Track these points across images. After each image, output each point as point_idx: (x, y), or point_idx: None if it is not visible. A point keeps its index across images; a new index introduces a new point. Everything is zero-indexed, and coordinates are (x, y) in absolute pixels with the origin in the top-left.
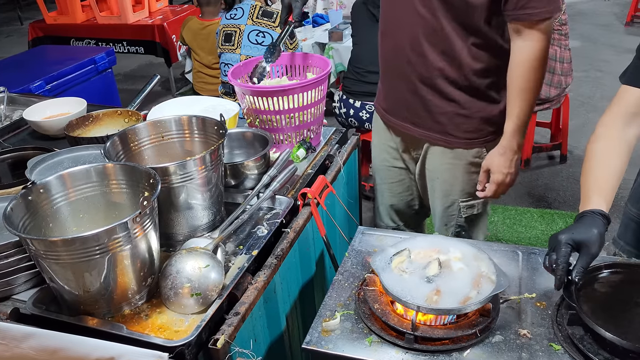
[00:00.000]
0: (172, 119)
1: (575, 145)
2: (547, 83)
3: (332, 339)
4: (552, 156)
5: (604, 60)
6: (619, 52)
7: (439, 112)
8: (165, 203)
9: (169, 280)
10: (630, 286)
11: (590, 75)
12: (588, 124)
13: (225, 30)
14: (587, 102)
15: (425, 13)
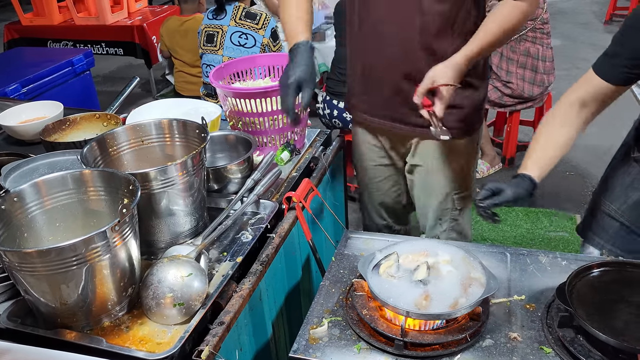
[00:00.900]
0: (152, 122)
1: None
2: (530, 82)
3: (319, 346)
4: None
5: (584, 59)
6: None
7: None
8: (146, 210)
9: (150, 290)
10: (622, 285)
11: (572, 73)
12: None
13: (207, 31)
14: None
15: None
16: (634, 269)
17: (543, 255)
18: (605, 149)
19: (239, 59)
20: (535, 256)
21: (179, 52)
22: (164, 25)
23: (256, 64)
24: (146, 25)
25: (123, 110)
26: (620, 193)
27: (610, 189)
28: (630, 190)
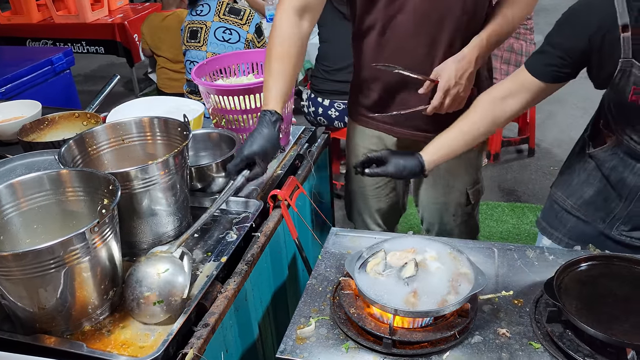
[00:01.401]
0: (133, 121)
1: (542, 138)
2: None
3: (307, 346)
4: (520, 150)
5: None
6: None
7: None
8: (127, 210)
9: (130, 291)
10: (609, 279)
11: None
12: (553, 117)
13: (191, 27)
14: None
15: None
16: (621, 263)
17: (530, 250)
18: None
19: (221, 55)
20: (523, 251)
21: (161, 48)
22: (145, 23)
23: (239, 60)
24: (127, 23)
25: (105, 109)
26: (576, 188)
27: (567, 184)
28: (585, 185)
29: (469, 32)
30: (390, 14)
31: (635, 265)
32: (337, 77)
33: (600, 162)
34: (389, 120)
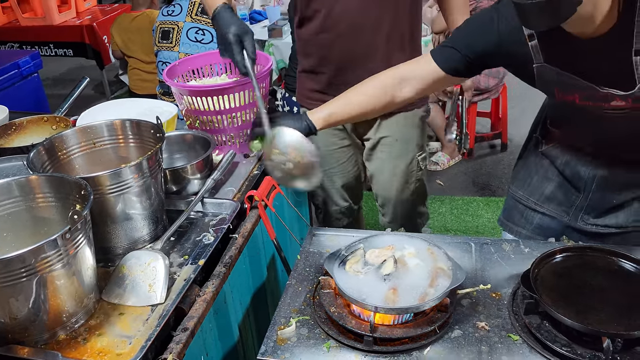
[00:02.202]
0: (104, 124)
1: (514, 133)
2: (485, 73)
3: (288, 347)
4: (493, 145)
5: None
6: None
7: None
8: (101, 215)
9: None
10: (584, 270)
11: None
12: (525, 112)
13: (162, 27)
14: (523, 92)
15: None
16: (594, 253)
17: (506, 243)
18: None
19: (194, 55)
20: (499, 245)
21: (132, 49)
22: (114, 25)
23: (212, 60)
24: (96, 25)
25: (75, 112)
26: (536, 185)
27: (526, 182)
28: (545, 181)
29: (413, 10)
30: None
31: (608, 256)
32: None
33: (553, 159)
34: None
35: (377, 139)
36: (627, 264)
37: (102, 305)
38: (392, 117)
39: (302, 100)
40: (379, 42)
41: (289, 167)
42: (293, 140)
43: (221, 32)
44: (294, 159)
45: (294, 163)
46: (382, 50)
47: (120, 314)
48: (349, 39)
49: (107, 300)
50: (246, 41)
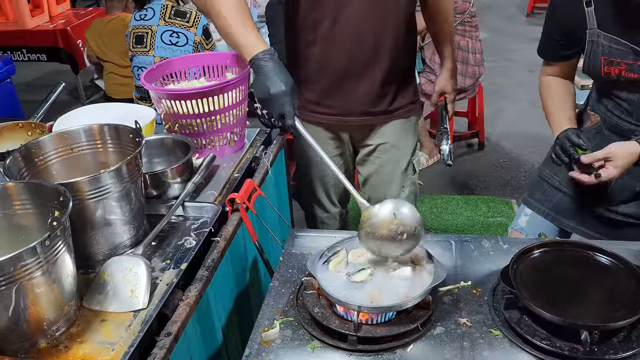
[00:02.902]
0: (82, 129)
1: (491, 132)
2: (461, 74)
3: (273, 349)
4: (470, 144)
5: (510, 50)
6: (522, 41)
7: (405, 94)
8: (80, 221)
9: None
10: (562, 265)
11: (500, 64)
12: (502, 111)
13: (136, 32)
14: (499, 91)
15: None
16: (572, 248)
17: (486, 240)
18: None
19: (171, 59)
20: (479, 242)
21: (107, 53)
22: (89, 29)
23: (190, 64)
24: (70, 29)
25: (50, 118)
26: (563, 166)
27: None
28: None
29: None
30: (343, 3)
31: (585, 250)
32: None
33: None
34: (337, 111)
35: (374, 146)
36: (602, 257)
37: (84, 312)
38: (389, 124)
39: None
40: (381, 51)
41: (401, 238)
42: (412, 211)
43: (271, 79)
44: (410, 229)
45: (409, 234)
46: (383, 59)
47: (102, 320)
48: (351, 48)
49: (88, 307)
50: (295, 96)
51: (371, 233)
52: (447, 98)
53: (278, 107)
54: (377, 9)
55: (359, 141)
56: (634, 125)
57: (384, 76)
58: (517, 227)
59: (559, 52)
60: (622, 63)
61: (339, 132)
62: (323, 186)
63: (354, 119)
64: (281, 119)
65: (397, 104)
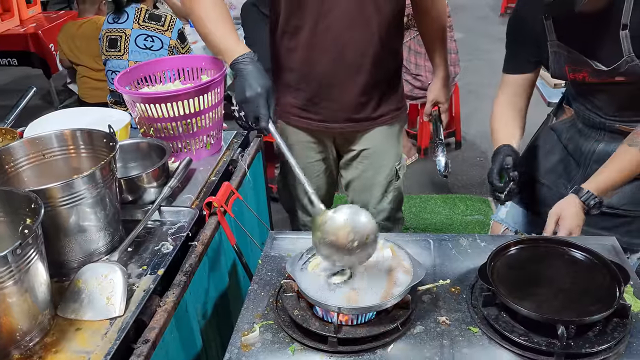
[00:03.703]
0: (53, 134)
1: (467, 131)
2: None
3: (253, 353)
4: (447, 143)
5: (484, 50)
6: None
7: (390, 101)
8: (53, 228)
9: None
10: (538, 261)
11: (474, 64)
12: (477, 111)
13: (109, 36)
14: (474, 90)
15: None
16: (547, 244)
17: (463, 239)
18: None
19: (145, 62)
20: (456, 240)
21: (80, 57)
22: (61, 33)
23: (165, 67)
24: (41, 33)
25: (22, 124)
26: (542, 158)
27: (534, 156)
28: (549, 155)
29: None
30: (324, 10)
31: (560, 246)
32: None
33: (560, 133)
34: (321, 117)
35: (357, 151)
36: (577, 253)
37: (58, 321)
38: (373, 130)
39: (280, 114)
40: (364, 58)
41: (352, 246)
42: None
43: (248, 82)
44: (362, 238)
45: (360, 242)
46: (366, 66)
47: (77, 329)
48: (333, 55)
49: (62, 315)
50: (271, 99)
51: (323, 238)
52: (441, 108)
53: (253, 109)
54: (359, 17)
55: (343, 146)
56: (604, 119)
57: (367, 83)
58: (497, 219)
59: (528, 59)
60: (584, 70)
61: (322, 138)
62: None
63: (338, 125)
64: (256, 121)
65: (381, 111)
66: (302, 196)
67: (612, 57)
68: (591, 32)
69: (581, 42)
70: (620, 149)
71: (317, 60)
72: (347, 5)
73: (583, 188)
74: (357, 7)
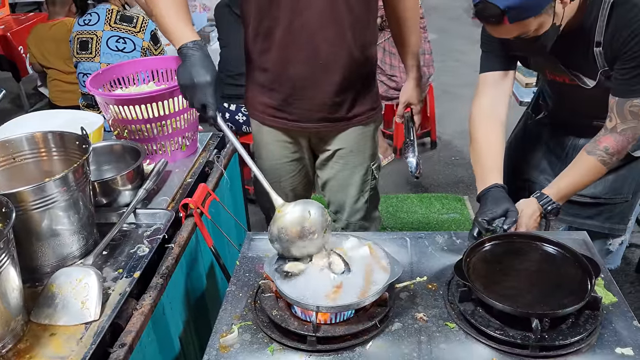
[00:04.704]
0: (24, 137)
1: (442, 131)
2: None
3: (232, 354)
4: (423, 143)
5: (458, 51)
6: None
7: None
8: (25, 233)
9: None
10: (511, 256)
11: (448, 64)
12: (452, 111)
13: (80, 38)
14: (449, 90)
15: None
16: (520, 240)
17: (439, 236)
18: None
19: (118, 64)
20: (433, 238)
21: (51, 60)
22: (31, 35)
23: (138, 68)
24: (10, 35)
25: None
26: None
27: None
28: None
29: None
30: (298, 10)
31: (533, 241)
32: (242, 82)
33: (540, 130)
34: (295, 117)
35: (332, 151)
36: (550, 248)
37: (32, 327)
38: (348, 130)
39: (255, 114)
40: (337, 59)
41: (312, 237)
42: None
43: (196, 69)
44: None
45: (318, 234)
46: (339, 67)
47: (51, 334)
48: (307, 56)
49: (36, 321)
50: (217, 89)
51: (283, 229)
52: (413, 109)
53: (201, 97)
54: (332, 17)
55: (318, 146)
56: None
57: (341, 83)
58: None
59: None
60: (563, 74)
61: (297, 137)
62: (281, 190)
63: (312, 125)
64: (202, 109)
65: (356, 111)
66: None
67: (590, 72)
68: (568, 48)
69: (559, 56)
70: (580, 156)
71: (291, 60)
72: (320, 4)
73: (544, 193)
74: (330, 7)
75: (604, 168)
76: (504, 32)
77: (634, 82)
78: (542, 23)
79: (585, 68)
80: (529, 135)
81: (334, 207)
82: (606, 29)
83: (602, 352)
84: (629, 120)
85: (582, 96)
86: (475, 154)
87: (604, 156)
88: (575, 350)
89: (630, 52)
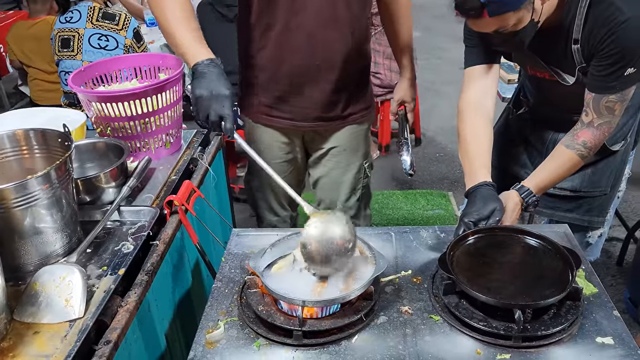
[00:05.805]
0: (5, 134)
1: (426, 127)
2: (396, 71)
3: (218, 350)
4: None
5: (441, 48)
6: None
7: (359, 101)
8: (7, 231)
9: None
10: (494, 249)
11: (431, 62)
12: (436, 108)
13: (62, 35)
14: (432, 88)
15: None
16: (503, 233)
17: (424, 230)
18: None
19: (100, 61)
20: (417, 232)
21: (32, 58)
22: (10, 33)
23: (121, 65)
24: None
25: None
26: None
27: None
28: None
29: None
30: (296, 8)
31: (515, 234)
32: None
33: (521, 125)
34: (290, 116)
35: (326, 149)
36: (532, 240)
37: (15, 325)
38: (342, 130)
39: (248, 114)
40: (334, 58)
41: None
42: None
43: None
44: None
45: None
46: (336, 66)
47: (35, 332)
48: (303, 54)
49: (19, 320)
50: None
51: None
52: (407, 107)
53: (218, 108)
54: (331, 15)
55: (312, 144)
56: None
57: (336, 83)
58: None
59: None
60: (544, 70)
61: (291, 136)
62: (273, 191)
63: (308, 124)
64: (219, 120)
65: (351, 110)
66: (269, 197)
67: (569, 68)
68: (547, 45)
69: (539, 53)
70: (558, 150)
71: (288, 58)
72: (319, 3)
73: (524, 185)
74: (329, 5)
75: (582, 161)
76: (483, 25)
77: (609, 79)
78: (521, 18)
79: (564, 65)
80: (510, 130)
81: (325, 205)
82: (584, 26)
83: (583, 342)
84: (605, 115)
85: (562, 92)
86: (464, 149)
87: (582, 150)
88: (557, 340)
89: (606, 50)
